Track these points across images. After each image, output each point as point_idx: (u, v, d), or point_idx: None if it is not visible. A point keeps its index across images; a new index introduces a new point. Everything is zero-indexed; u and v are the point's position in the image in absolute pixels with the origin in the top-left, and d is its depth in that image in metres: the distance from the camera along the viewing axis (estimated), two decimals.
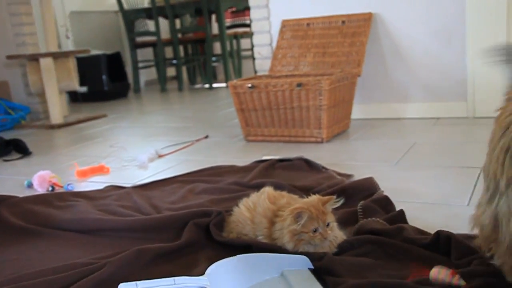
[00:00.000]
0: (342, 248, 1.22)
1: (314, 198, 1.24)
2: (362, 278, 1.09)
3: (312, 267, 1.15)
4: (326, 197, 1.23)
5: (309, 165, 1.99)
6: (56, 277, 1.17)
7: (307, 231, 1.16)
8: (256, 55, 3.18)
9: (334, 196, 1.24)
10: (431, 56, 2.75)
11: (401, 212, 1.40)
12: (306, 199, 1.25)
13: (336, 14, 2.89)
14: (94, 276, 1.15)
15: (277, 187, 1.50)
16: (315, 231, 1.17)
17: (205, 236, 1.37)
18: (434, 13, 2.69)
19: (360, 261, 1.16)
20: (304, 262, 1.15)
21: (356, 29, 2.80)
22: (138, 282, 0.94)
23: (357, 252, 1.20)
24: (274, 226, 1.23)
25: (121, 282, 0.95)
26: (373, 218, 1.36)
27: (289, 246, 1.18)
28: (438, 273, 1.01)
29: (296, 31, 2.97)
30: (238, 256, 1.11)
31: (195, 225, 1.39)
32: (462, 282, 1.00)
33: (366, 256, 1.19)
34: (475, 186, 1.64)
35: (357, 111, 2.93)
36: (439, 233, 1.20)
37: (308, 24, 2.95)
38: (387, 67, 2.86)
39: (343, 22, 2.85)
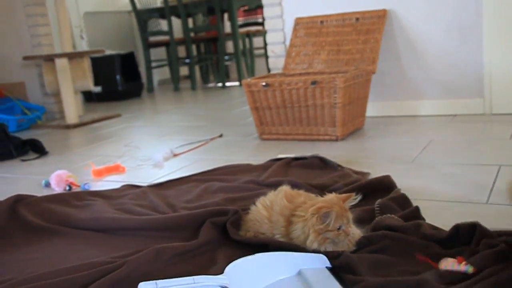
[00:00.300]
0: (360, 245, 1.21)
1: (332, 196, 1.24)
2: (381, 276, 1.08)
3: (329, 265, 1.14)
4: (345, 195, 1.23)
5: (324, 163, 1.98)
6: (75, 276, 1.18)
7: (333, 229, 1.16)
8: (269, 53, 3.18)
9: (353, 194, 1.24)
10: (446, 52, 2.72)
11: (416, 208, 1.39)
12: (325, 198, 1.24)
13: (350, 11, 2.87)
14: (113, 275, 1.15)
15: (294, 185, 1.49)
16: (338, 228, 1.17)
17: (222, 235, 1.37)
18: (449, 8, 2.67)
19: (378, 258, 1.15)
20: (322, 261, 1.15)
21: (370, 26, 2.78)
22: (158, 281, 0.94)
23: (375, 249, 1.20)
24: (292, 225, 1.23)
25: (140, 281, 0.95)
26: (389, 215, 1.35)
27: (314, 245, 1.18)
28: (445, 261, 1.06)
29: (309, 28, 2.96)
30: (256, 255, 1.11)
31: (212, 224, 1.40)
32: (470, 268, 1.03)
33: (383, 253, 1.19)
34: (493, 183, 1.62)
35: (372, 109, 2.91)
36: (458, 226, 1.19)
37: (321, 22, 2.94)
38: (402, 64, 2.84)
39: (357, 19, 2.84)
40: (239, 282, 0.99)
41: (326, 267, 1.14)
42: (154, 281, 0.94)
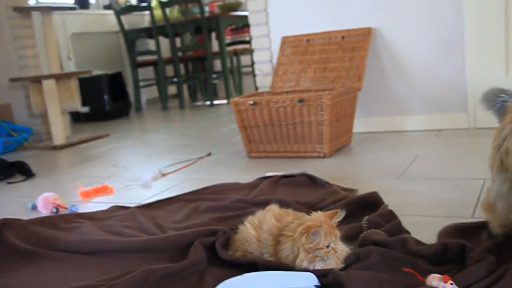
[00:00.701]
0: (348, 262, 1.22)
1: (319, 214, 1.25)
2: None
3: (318, 284, 1.15)
4: (331, 211, 1.24)
5: (312, 181, 1.99)
6: None
7: (322, 247, 1.17)
8: (257, 72, 3.20)
9: (338, 210, 1.25)
10: (430, 68, 2.76)
11: (398, 222, 1.41)
12: (312, 216, 1.25)
13: (336, 29, 2.91)
14: None
15: (282, 204, 1.50)
16: (327, 246, 1.17)
17: (211, 255, 1.37)
18: (433, 26, 2.71)
19: (366, 275, 1.16)
20: (310, 279, 1.15)
21: (356, 44, 2.82)
22: None
23: (363, 265, 1.20)
24: (280, 245, 1.23)
25: None
26: (375, 230, 1.36)
27: (304, 264, 1.18)
28: (432, 278, 1.07)
29: (296, 47, 3.00)
30: (244, 275, 1.11)
31: (201, 244, 1.39)
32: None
33: (371, 269, 1.19)
34: (478, 197, 1.64)
35: (359, 125, 2.94)
36: (446, 244, 1.21)
37: (308, 40, 2.97)
38: (387, 81, 2.87)
39: (343, 37, 2.88)
40: None
41: (315, 286, 1.14)
42: None
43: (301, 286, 1.13)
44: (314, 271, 1.16)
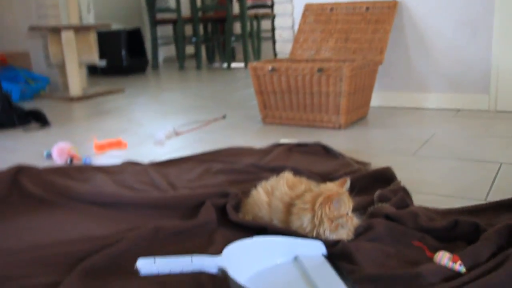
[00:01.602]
0: (357, 233, 1.22)
1: (331, 184, 1.25)
2: (377, 265, 1.09)
3: (326, 253, 1.15)
4: (340, 180, 1.26)
5: (326, 151, 1.98)
6: (73, 248, 1.20)
7: (343, 214, 1.18)
8: (277, 37, 3.16)
9: (348, 178, 1.25)
10: (455, 47, 2.70)
11: (408, 196, 1.42)
12: (325, 186, 1.25)
13: (361, 0, 2.85)
14: (112, 250, 1.17)
15: (295, 171, 1.50)
16: (347, 214, 1.19)
17: (221, 216, 1.38)
18: (460, 2, 2.64)
19: (375, 247, 1.16)
20: (318, 248, 1.16)
21: (380, 16, 2.76)
22: (156, 259, 0.95)
23: (370, 238, 1.21)
24: (294, 216, 1.23)
25: (138, 257, 0.96)
26: (385, 204, 1.36)
27: (327, 233, 1.19)
28: (442, 256, 1.07)
29: (319, 15, 2.94)
30: (254, 238, 1.12)
31: (212, 204, 1.40)
32: (463, 269, 1.04)
33: (380, 241, 1.20)
34: (493, 181, 1.62)
35: (377, 99, 2.91)
36: (457, 221, 1.21)
37: (331, 9, 2.92)
38: (409, 56, 2.82)
39: (367, 8, 2.81)
40: (237, 264, 1.00)
41: (323, 255, 1.15)
42: (153, 258, 0.95)
43: (308, 254, 1.14)
44: (325, 241, 1.17)
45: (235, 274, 0.94)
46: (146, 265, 0.94)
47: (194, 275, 1.04)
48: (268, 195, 1.32)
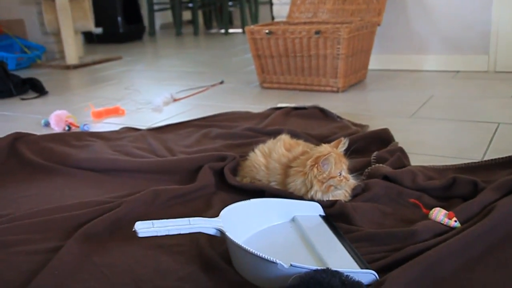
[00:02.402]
0: (354, 193, 1.23)
1: (325, 146, 1.25)
2: (374, 224, 1.10)
3: (323, 213, 1.17)
4: (336, 141, 1.25)
5: (324, 114, 1.98)
6: (72, 214, 1.21)
7: (334, 175, 1.18)
8: (274, 0, 3.11)
9: (342, 139, 1.25)
10: (454, 6, 2.66)
11: (404, 156, 1.43)
12: (319, 148, 1.25)
13: None
14: (111, 214, 1.18)
15: (293, 135, 1.50)
16: (339, 174, 1.18)
17: (219, 180, 1.39)
18: None
19: (372, 207, 1.17)
20: (315, 209, 1.17)
21: None
22: (154, 221, 0.96)
23: (367, 198, 1.21)
24: (290, 177, 1.23)
25: (137, 221, 0.97)
26: (382, 165, 1.36)
27: (318, 195, 1.19)
28: (437, 212, 1.08)
29: None
30: (251, 200, 1.12)
31: (210, 168, 1.41)
32: (458, 225, 1.06)
33: (377, 201, 1.21)
34: (490, 141, 1.62)
35: (375, 62, 2.88)
36: (455, 178, 1.21)
37: None
38: (408, 17, 2.79)
39: None
40: (234, 225, 1.01)
41: (320, 215, 1.16)
42: (151, 221, 0.96)
43: (305, 214, 1.15)
44: (321, 202, 1.18)
45: (232, 235, 0.95)
46: (144, 227, 0.94)
47: (191, 237, 1.05)
48: (265, 157, 1.32)
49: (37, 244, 1.09)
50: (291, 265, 0.86)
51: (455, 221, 1.06)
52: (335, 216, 1.15)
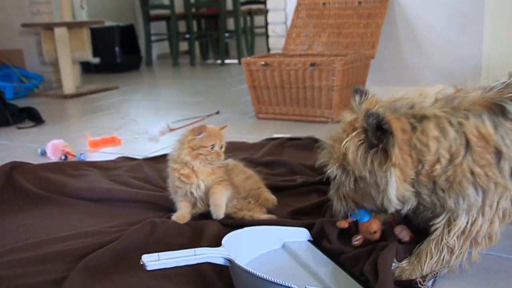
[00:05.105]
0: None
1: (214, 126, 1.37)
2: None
3: (311, 238, 1.22)
4: (222, 126, 1.38)
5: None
6: (71, 246, 1.20)
7: (206, 145, 1.28)
8: (270, 32, 3.17)
9: (227, 125, 1.39)
10: (447, 40, 2.72)
11: None
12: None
13: None
14: (111, 247, 1.18)
15: (287, 165, 1.51)
16: (212, 147, 1.29)
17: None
18: None
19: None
20: (303, 234, 1.23)
21: (372, 11, 2.78)
22: (160, 254, 0.95)
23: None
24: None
25: (137, 253, 0.97)
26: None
27: (187, 158, 1.29)
28: (401, 230, 1.15)
29: (311, 10, 2.96)
30: (245, 228, 1.17)
31: None
32: (407, 237, 1.14)
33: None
34: None
35: None
36: None
37: (324, 4, 2.93)
38: (401, 50, 2.84)
39: (360, 3, 2.83)
40: (235, 253, 1.02)
41: (308, 240, 1.21)
42: (156, 254, 0.95)
43: (295, 240, 1.20)
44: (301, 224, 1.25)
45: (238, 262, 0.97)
46: (152, 260, 0.94)
47: (194, 266, 1.05)
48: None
49: (36, 277, 1.08)
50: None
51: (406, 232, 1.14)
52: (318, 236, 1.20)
